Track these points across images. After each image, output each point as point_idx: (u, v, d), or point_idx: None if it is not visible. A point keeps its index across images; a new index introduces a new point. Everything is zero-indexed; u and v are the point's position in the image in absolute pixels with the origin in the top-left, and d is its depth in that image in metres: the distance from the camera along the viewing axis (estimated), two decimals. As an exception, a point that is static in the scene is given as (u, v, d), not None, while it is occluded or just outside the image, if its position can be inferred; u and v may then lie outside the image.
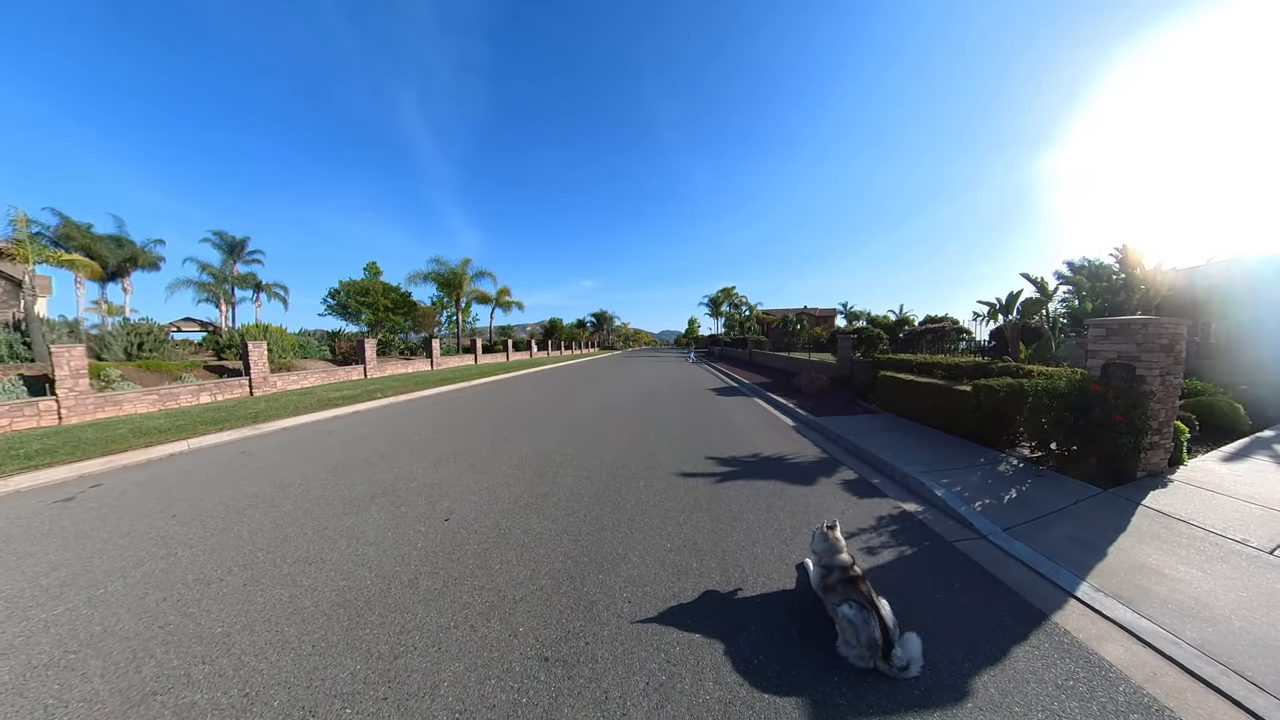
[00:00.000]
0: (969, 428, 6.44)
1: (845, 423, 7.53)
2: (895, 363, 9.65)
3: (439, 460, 5.86)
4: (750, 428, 7.59)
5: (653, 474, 5.06)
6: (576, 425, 8.03)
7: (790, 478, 4.97)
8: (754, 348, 30.30)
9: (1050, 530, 3.86)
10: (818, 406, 9.24)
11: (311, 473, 5.48)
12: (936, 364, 8.57)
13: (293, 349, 20.27)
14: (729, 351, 41.10)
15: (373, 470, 5.53)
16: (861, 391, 10.27)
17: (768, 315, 70.61)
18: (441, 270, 28.44)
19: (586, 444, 6.47)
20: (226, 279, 44.79)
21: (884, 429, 7.09)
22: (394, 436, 7.69)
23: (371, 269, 42.22)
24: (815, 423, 7.62)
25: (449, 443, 6.87)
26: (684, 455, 5.79)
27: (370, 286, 25.02)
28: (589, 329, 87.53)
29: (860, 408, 9.12)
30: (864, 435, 6.65)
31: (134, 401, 10.74)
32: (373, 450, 6.69)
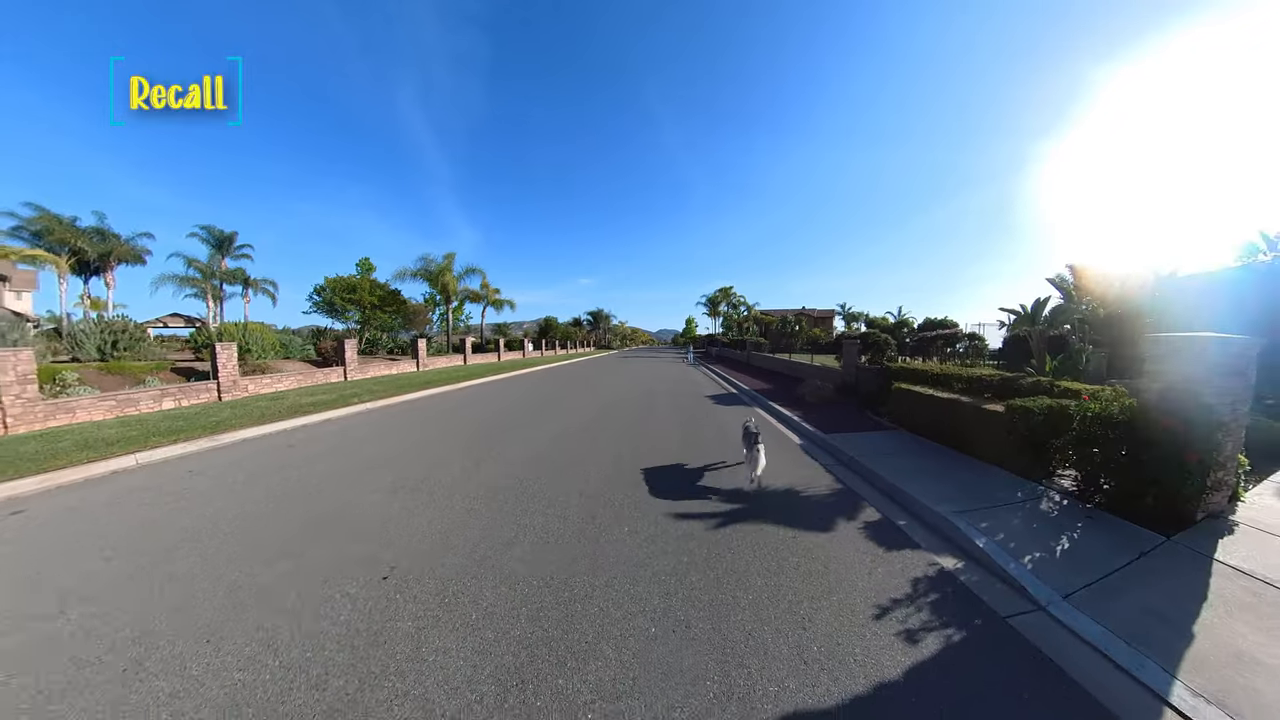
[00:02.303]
0: (999, 453, 5.73)
1: (858, 442, 6.81)
2: (909, 373, 8.93)
3: (397, 487, 5.12)
4: None
5: (640, 512, 4.31)
6: (559, 441, 7.29)
7: (802, 520, 4.23)
8: (752, 349, 29.51)
9: (1119, 598, 3.15)
10: (825, 419, 8.52)
11: (252, 502, 4.74)
12: (956, 376, 7.86)
13: (273, 349, 19.45)
14: (727, 353, 40.27)
15: (320, 499, 4.78)
16: (870, 402, 9.56)
17: (766, 315, 70.01)
18: (430, 268, 27.53)
19: (567, 467, 5.72)
20: (214, 274, 43.85)
21: (902, 451, 6.37)
22: (356, 452, 6.95)
23: (364, 265, 41.32)
24: (825, 441, 6.89)
25: (414, 463, 6.12)
26: (678, 485, 5.05)
27: (356, 284, 24.20)
28: (586, 328, 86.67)
29: (871, 422, 8.41)
30: (881, 459, 5.93)
31: (89, 408, 9.94)
32: (329, 470, 5.96)
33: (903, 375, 9.09)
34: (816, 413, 9.28)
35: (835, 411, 9.36)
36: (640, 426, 8.43)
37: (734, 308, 74.92)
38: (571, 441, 7.29)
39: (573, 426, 8.62)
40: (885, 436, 7.21)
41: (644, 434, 7.57)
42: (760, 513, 4.33)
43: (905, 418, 7.67)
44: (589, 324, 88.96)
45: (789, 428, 8.41)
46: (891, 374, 9.67)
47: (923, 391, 7.18)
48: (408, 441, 7.62)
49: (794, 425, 8.39)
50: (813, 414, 9.13)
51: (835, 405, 10.07)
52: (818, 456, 6.34)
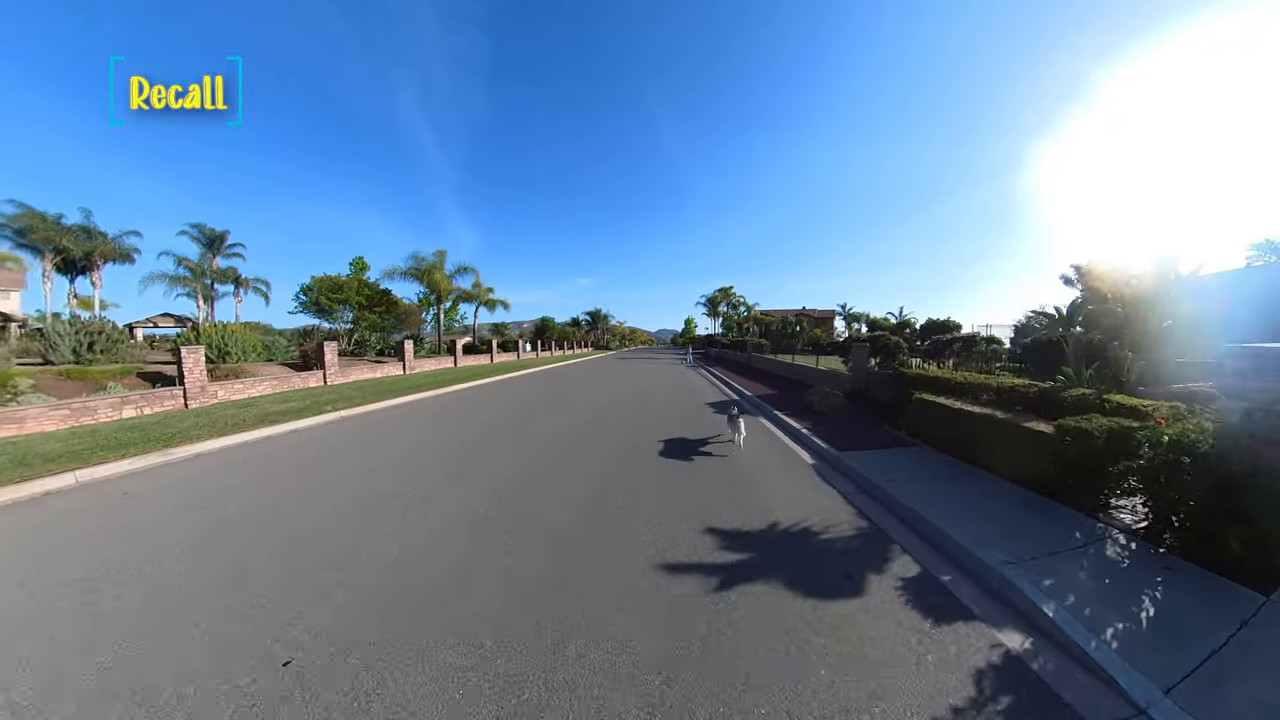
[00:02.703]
0: (1044, 478, 4.96)
1: (878, 462, 6.03)
2: (929, 381, 8.16)
3: (330, 523, 4.33)
4: (760, 468, 6.07)
5: (621, 569, 3.47)
6: (536, 461, 6.53)
7: (825, 575, 3.44)
8: (753, 351, 28.71)
9: (1233, 693, 2.41)
10: (838, 433, 7.74)
11: (176, 540, 4.00)
12: (983, 386, 7.09)
13: (255, 350, 18.68)
14: (726, 354, 39.42)
15: (250, 537, 4.02)
16: (886, 412, 8.79)
17: (766, 316, 69.26)
18: (421, 266, 26.64)
19: (539, 501, 4.92)
20: (204, 273, 43.08)
21: (929, 474, 5.60)
22: (311, 472, 6.18)
23: (357, 264, 40.52)
24: (841, 462, 6.10)
25: (361, 495, 5.33)
26: (670, 525, 4.24)
27: (343, 283, 23.39)
28: (584, 328, 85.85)
29: (888, 436, 7.64)
30: (908, 486, 5.15)
31: (39, 418, 9.17)
32: (278, 493, 5.23)
33: (921, 383, 8.33)
34: (827, 424, 8.51)
35: (847, 423, 8.59)
36: (631, 442, 7.65)
37: (734, 308, 74.16)
38: (551, 461, 6.52)
39: (555, 440, 7.85)
40: (907, 455, 6.43)
41: (635, 455, 6.77)
42: (773, 567, 3.53)
43: (928, 432, 6.90)
44: (587, 324, 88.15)
45: (798, 442, 7.63)
46: (908, 381, 8.91)
47: (950, 405, 6.41)
48: (363, 465, 6.83)
49: (803, 440, 7.61)
50: (823, 425, 8.35)
51: (846, 415, 9.30)
52: (834, 481, 5.54)
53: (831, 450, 6.57)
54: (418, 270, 26.01)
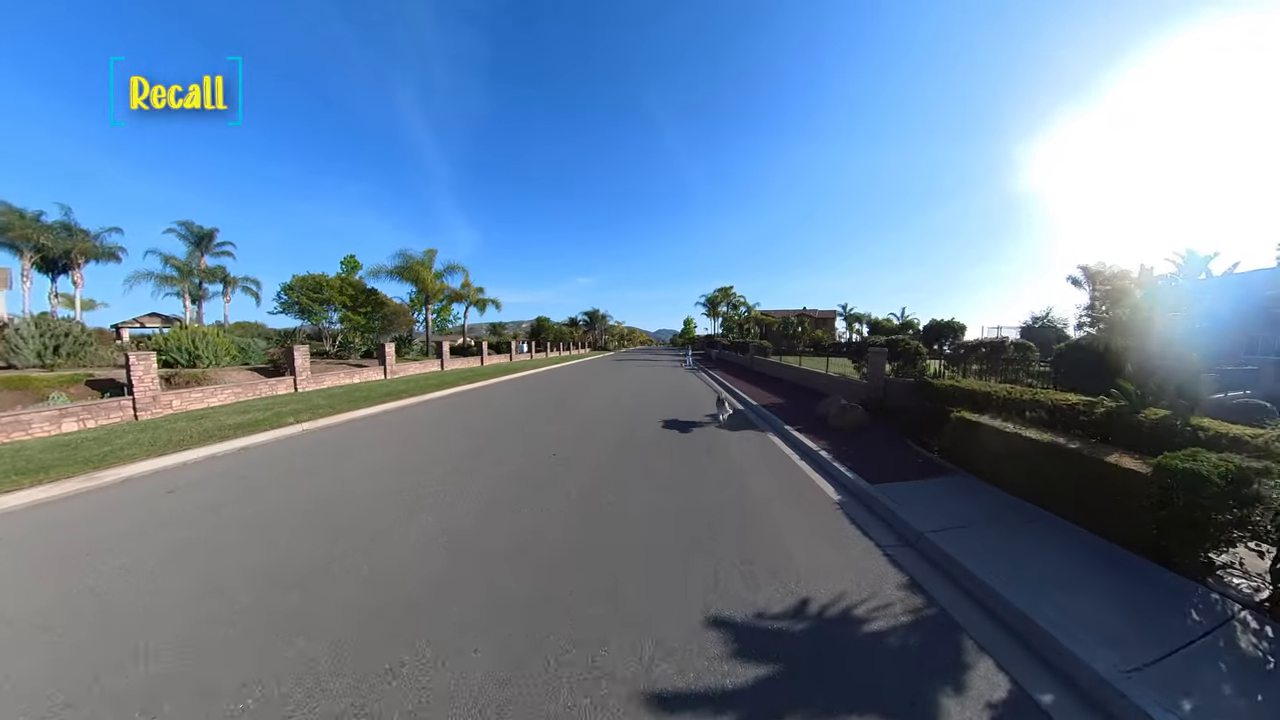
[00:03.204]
0: (1130, 527, 3.96)
1: (919, 498, 5.01)
2: (965, 395, 7.15)
3: (258, 578, 3.31)
4: (775, 507, 5.00)
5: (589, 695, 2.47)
6: (506, 493, 5.52)
7: (881, 692, 2.43)
8: (756, 353, 27.63)
9: None
10: (863, 456, 6.70)
11: (56, 600, 2.99)
12: (1033, 402, 6.08)
13: (229, 354, 17.64)
14: (727, 356, 38.25)
15: (128, 602, 2.99)
16: (912, 428, 7.77)
17: (766, 316, 68.23)
18: (407, 264, 25.42)
19: (499, 561, 3.92)
20: (192, 272, 42.01)
21: (985, 516, 4.58)
22: (243, 505, 5.15)
23: (349, 263, 39.42)
24: (875, 500, 5.04)
25: (282, 556, 4.31)
26: (664, 604, 3.22)
27: (325, 282, 22.32)
28: (581, 328, 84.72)
29: (920, 459, 6.62)
30: (965, 538, 4.12)
31: (-42, 434, 8.17)
32: (189, 536, 4.22)
33: (956, 397, 7.31)
34: (848, 444, 7.48)
35: (871, 442, 7.55)
36: (619, 470, 6.61)
37: (734, 308, 73.14)
38: (521, 498, 5.51)
39: (531, 467, 6.85)
40: (950, 488, 5.41)
41: (621, 489, 5.75)
42: (809, 675, 2.52)
43: (971, 458, 5.88)
44: (585, 324, 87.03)
45: (818, 469, 6.54)
46: (936, 393, 7.90)
47: (1003, 429, 5.38)
48: (319, 487, 5.80)
49: (823, 466, 6.55)
50: (844, 446, 7.33)
51: (868, 431, 8.27)
52: (870, 528, 4.48)
53: (861, 482, 5.52)
54: (405, 269, 24.83)
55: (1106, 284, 42.93)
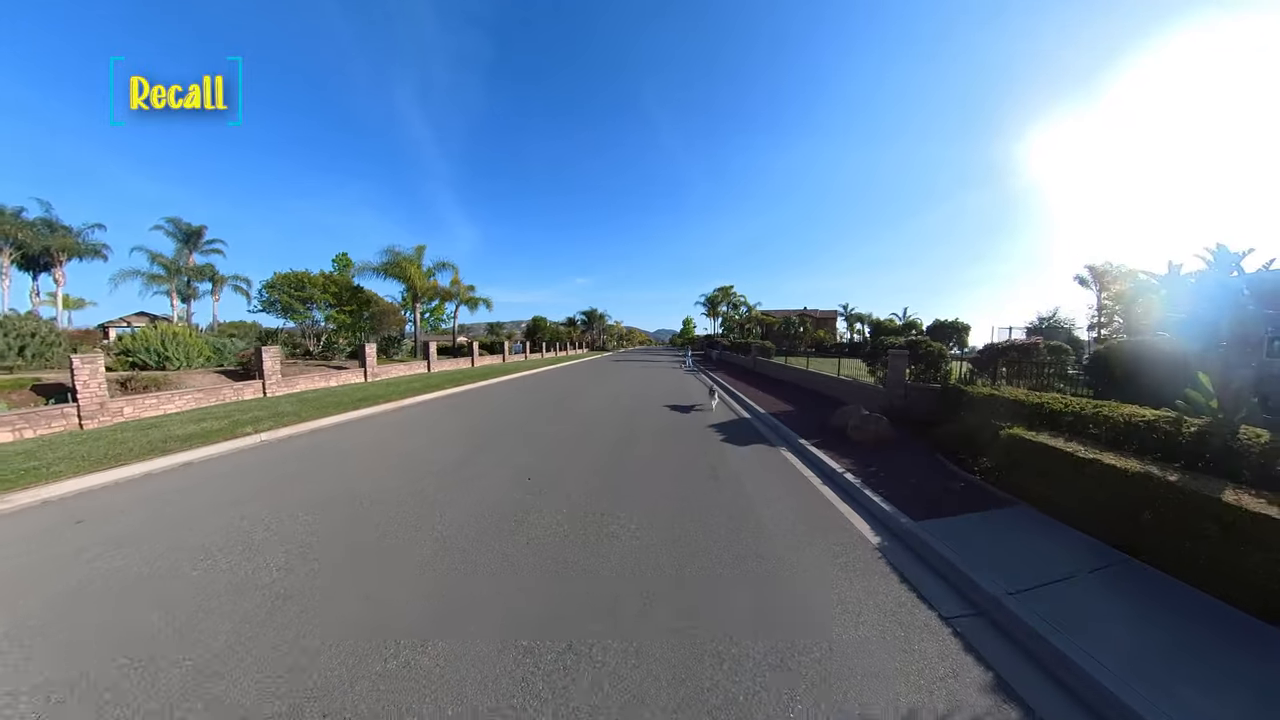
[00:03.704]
0: (1266, 589, 3.02)
1: (972, 538, 4.07)
2: (1009, 406, 6.19)
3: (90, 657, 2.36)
4: (800, 557, 3.94)
5: None
6: (462, 537, 4.57)
7: None
8: (758, 354, 26.64)
9: None
10: (893, 480, 5.73)
11: None
12: (1095, 417, 5.13)
13: (203, 355, 16.67)
14: (729, 357, 37.20)
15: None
16: (945, 444, 6.84)
17: (767, 316, 67.30)
18: (395, 261, 24.33)
19: (444, 647, 2.97)
20: (180, 270, 40.98)
21: (1065, 567, 3.62)
22: (143, 550, 4.16)
23: (341, 260, 38.40)
24: (925, 544, 4.01)
25: (187, 617, 3.35)
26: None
27: (307, 279, 21.28)
28: (579, 327, 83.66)
29: (958, 480, 5.67)
30: (1055, 604, 3.18)
31: None
32: (63, 590, 3.21)
33: (997, 408, 6.37)
34: (873, 461, 6.52)
35: (899, 460, 6.59)
36: (603, 503, 5.65)
37: (734, 308, 72.18)
38: (487, 538, 4.57)
39: (503, 493, 5.91)
40: (1010, 524, 4.46)
41: (605, 531, 4.80)
42: None
43: (1027, 484, 4.93)
44: (583, 324, 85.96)
45: (844, 496, 5.49)
46: (974, 404, 6.96)
47: (1075, 454, 4.42)
48: (250, 520, 4.84)
49: (851, 493, 5.51)
50: (869, 464, 6.36)
51: (893, 447, 7.30)
52: (923, 586, 3.46)
53: (900, 517, 4.54)
54: (392, 265, 23.77)
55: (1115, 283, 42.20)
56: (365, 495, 5.65)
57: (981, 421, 6.81)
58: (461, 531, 4.50)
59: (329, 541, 4.32)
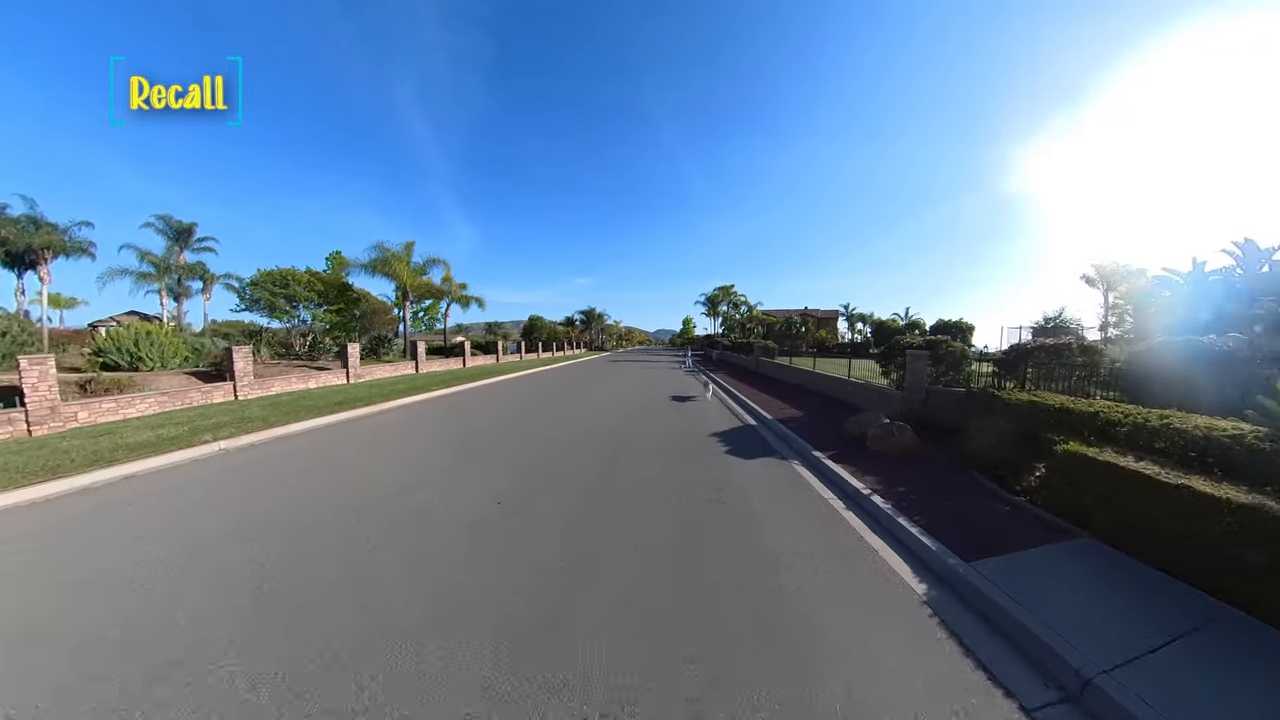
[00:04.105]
0: None
1: (1036, 583, 3.32)
2: (1057, 416, 5.43)
3: None
4: (830, 617, 3.09)
5: None
6: (421, 583, 3.81)
7: None
8: (761, 354, 25.85)
9: None
10: (929, 503, 4.95)
11: None
12: (1164, 430, 4.37)
13: (180, 355, 15.90)
14: (730, 357, 36.37)
15: None
16: (979, 458, 6.08)
17: (768, 316, 66.52)
18: (382, 258, 23.39)
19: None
20: (170, 268, 40.18)
21: (1159, 626, 2.88)
22: (48, 577, 3.37)
23: (334, 259, 37.59)
24: (979, 591, 3.29)
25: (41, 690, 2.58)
26: None
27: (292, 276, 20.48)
28: (577, 327, 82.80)
29: (1003, 503, 4.92)
30: (1167, 691, 2.44)
31: None
32: None
33: (1041, 417, 5.60)
34: (901, 478, 5.75)
35: (930, 477, 5.81)
36: (583, 537, 4.93)
37: (735, 307, 71.40)
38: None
39: (471, 524, 5.16)
40: (1079, 563, 3.71)
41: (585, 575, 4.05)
42: None
43: (1090, 511, 4.18)
44: (581, 323, 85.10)
45: (875, 526, 4.63)
46: (1012, 412, 6.19)
47: (1156, 478, 3.65)
48: (175, 547, 4.07)
49: (882, 521, 4.68)
50: (897, 483, 5.58)
51: (921, 461, 6.53)
52: (995, 663, 2.67)
53: (947, 556, 3.74)
54: (380, 263, 22.88)
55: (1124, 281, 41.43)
56: (301, 526, 4.76)
57: (1019, 431, 6.06)
58: (395, 596, 3.42)
59: (207, 615, 3.13)
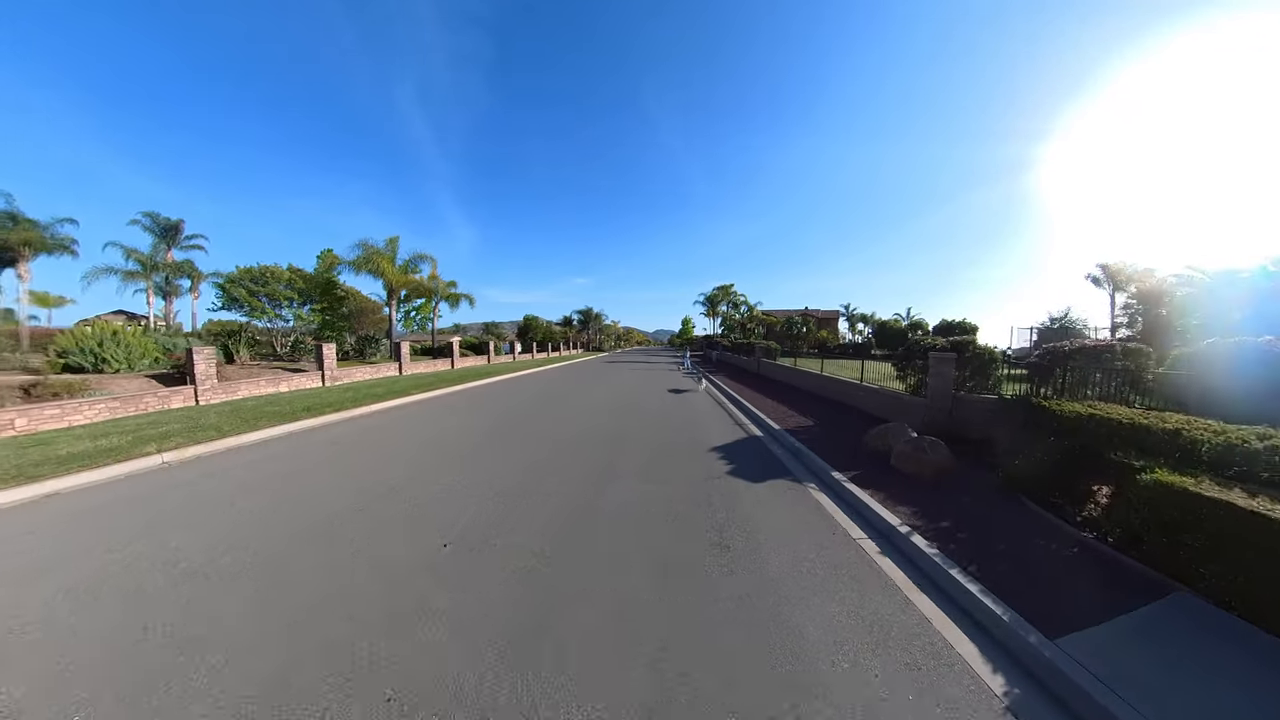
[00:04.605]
0: None
1: (1149, 673, 2.48)
2: (1126, 433, 4.59)
3: None
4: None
5: None
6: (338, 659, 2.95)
7: None
8: (763, 355, 24.97)
9: None
10: (981, 547, 4.06)
11: None
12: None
13: (150, 356, 15.00)
14: (730, 358, 35.35)
15: None
16: (1025, 481, 5.23)
17: (768, 316, 65.62)
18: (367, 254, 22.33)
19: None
20: (157, 267, 39.21)
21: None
22: None
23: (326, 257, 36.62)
24: (1081, 690, 2.43)
25: None
26: None
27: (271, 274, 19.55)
28: (575, 327, 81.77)
29: (1070, 542, 4.08)
30: None
31: None
32: None
33: (1104, 433, 4.76)
34: (942, 510, 4.87)
35: (977, 509, 4.91)
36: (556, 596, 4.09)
37: (735, 307, 70.46)
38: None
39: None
40: (1192, 635, 2.88)
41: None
42: None
43: (1182, 554, 3.34)
44: (579, 323, 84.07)
45: (920, 578, 3.69)
46: (1066, 426, 5.33)
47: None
48: (16, 599, 3.20)
49: (929, 571, 3.75)
50: (940, 516, 4.71)
51: (960, 485, 5.67)
52: None
53: (1026, 632, 2.89)
54: (363, 260, 21.86)
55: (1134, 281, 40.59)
56: (205, 572, 3.84)
57: (1073, 448, 5.21)
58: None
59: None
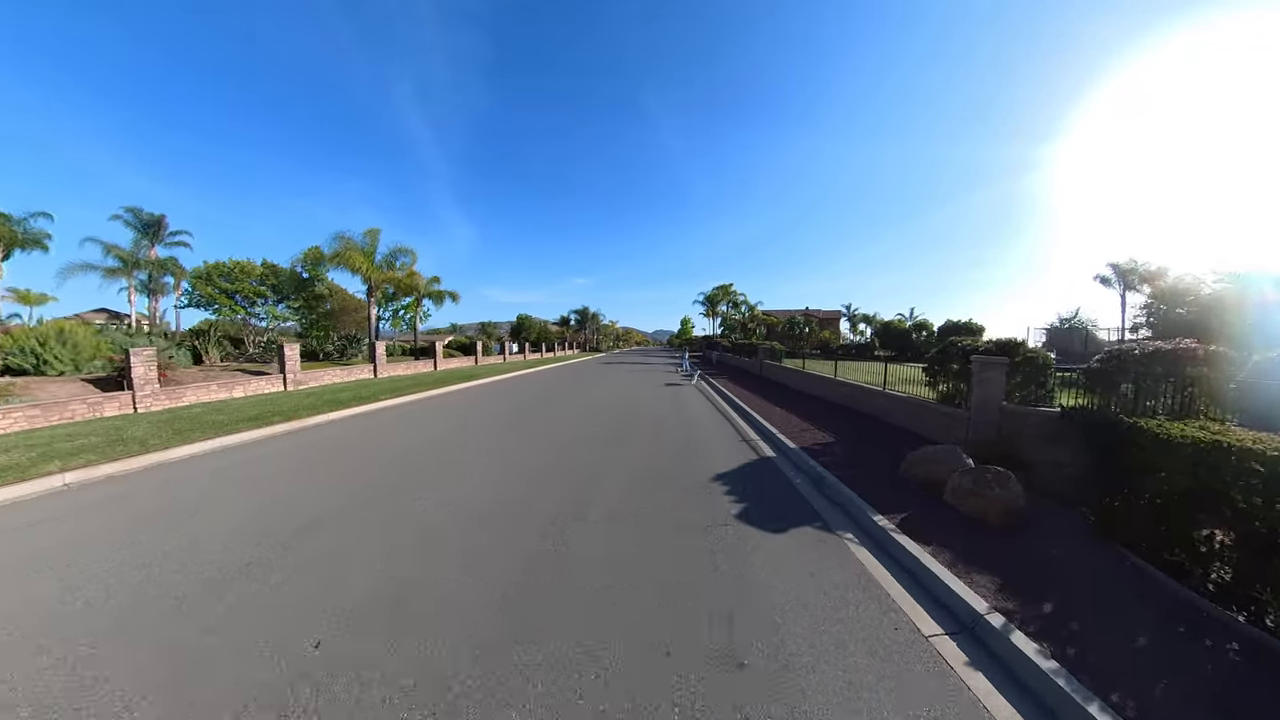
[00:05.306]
0: None
1: None
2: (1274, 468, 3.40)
3: None
4: None
5: None
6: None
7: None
8: (766, 357, 23.72)
9: None
10: (1106, 644, 2.90)
11: None
12: None
13: (103, 356, 13.76)
14: (731, 359, 34.04)
15: None
16: (1115, 524, 4.06)
17: (769, 316, 64.44)
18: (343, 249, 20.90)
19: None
20: (139, 264, 37.83)
21: None
22: None
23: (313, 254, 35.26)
24: None
25: None
26: None
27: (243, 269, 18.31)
28: (572, 327, 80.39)
29: (1232, 634, 2.91)
30: None
31: None
32: None
33: (1221, 467, 3.59)
34: (1030, 574, 3.68)
35: (1071, 568, 3.74)
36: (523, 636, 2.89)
37: (734, 307, 69.19)
38: None
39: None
40: None
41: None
42: None
43: None
44: (576, 323, 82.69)
45: (1021, 696, 2.47)
46: (1164, 454, 4.16)
47: None
48: None
49: (1035, 686, 2.57)
50: (1030, 587, 3.51)
51: (1038, 531, 4.50)
52: None
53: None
54: (336, 255, 20.49)
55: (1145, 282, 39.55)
56: (74, 634, 2.69)
57: (1189, 487, 4.03)
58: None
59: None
